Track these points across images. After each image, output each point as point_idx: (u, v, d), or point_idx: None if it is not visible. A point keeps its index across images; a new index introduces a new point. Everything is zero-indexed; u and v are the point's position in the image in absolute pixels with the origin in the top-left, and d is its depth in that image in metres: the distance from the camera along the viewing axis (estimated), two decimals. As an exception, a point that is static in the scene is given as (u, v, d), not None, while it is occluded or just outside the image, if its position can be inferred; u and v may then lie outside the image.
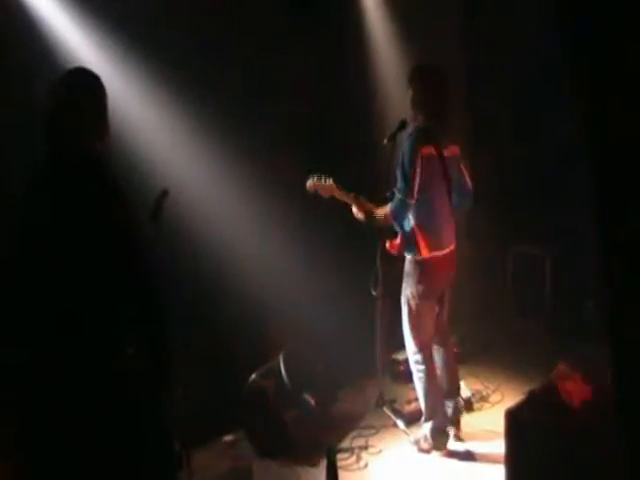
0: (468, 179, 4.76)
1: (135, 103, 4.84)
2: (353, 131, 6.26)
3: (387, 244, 4.72)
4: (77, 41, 4.63)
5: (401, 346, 5.80)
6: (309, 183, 4.91)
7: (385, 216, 4.62)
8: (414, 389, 5.09)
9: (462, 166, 4.73)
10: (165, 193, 3.96)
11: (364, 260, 5.06)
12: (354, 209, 4.82)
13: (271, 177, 5.51)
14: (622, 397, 2.17)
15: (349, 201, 4.83)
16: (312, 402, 5.10)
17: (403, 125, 4.65)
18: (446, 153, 4.57)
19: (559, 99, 5.94)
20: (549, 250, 6.59)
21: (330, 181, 4.85)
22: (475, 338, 6.33)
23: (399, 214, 4.53)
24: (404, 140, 4.52)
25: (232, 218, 5.30)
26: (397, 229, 4.62)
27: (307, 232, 5.74)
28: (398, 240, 4.65)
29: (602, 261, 2.18)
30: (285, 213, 5.62)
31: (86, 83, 2.92)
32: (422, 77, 4.57)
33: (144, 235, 2.86)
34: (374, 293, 5.01)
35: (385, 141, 4.70)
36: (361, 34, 6.45)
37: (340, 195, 4.85)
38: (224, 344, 5.25)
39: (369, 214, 4.72)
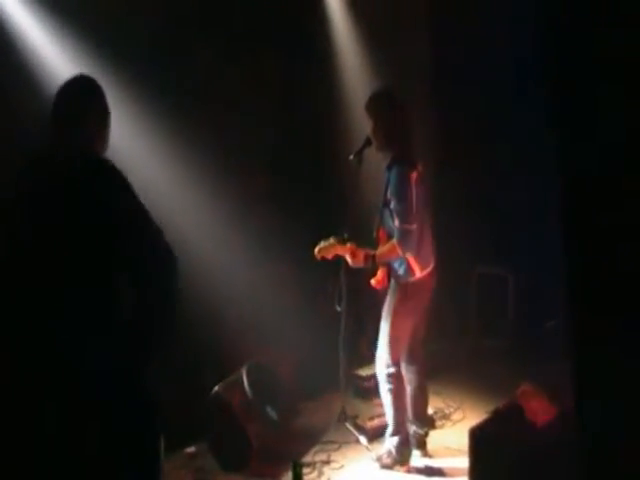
0: None
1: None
2: (318, 142, 6.29)
3: (372, 282, 4.68)
4: (50, 51, 4.66)
5: (364, 362, 5.82)
6: (316, 252, 4.69)
7: (384, 255, 4.56)
8: (377, 405, 5.11)
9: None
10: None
11: (328, 275, 5.07)
12: (349, 259, 4.64)
13: (233, 183, 5.50)
14: (584, 415, 2.20)
15: (346, 253, 4.64)
16: (275, 415, 5.09)
17: (369, 141, 4.68)
18: (420, 170, 4.62)
19: (528, 117, 6.11)
20: (512, 271, 6.66)
21: (331, 240, 4.69)
22: (438, 356, 6.34)
23: (409, 243, 4.46)
24: (391, 174, 4.52)
25: (192, 226, 5.27)
26: (402, 260, 4.56)
27: (269, 246, 5.73)
28: (380, 275, 4.64)
29: (566, 278, 2.21)
30: (245, 220, 5.59)
31: (93, 90, 3.05)
32: (383, 108, 4.61)
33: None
34: (338, 308, 5.01)
35: (351, 157, 4.73)
36: (327, 43, 6.52)
37: (340, 250, 4.66)
38: (186, 354, 5.21)
39: (368, 259, 4.59)
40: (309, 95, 6.25)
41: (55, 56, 4.64)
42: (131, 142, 4.98)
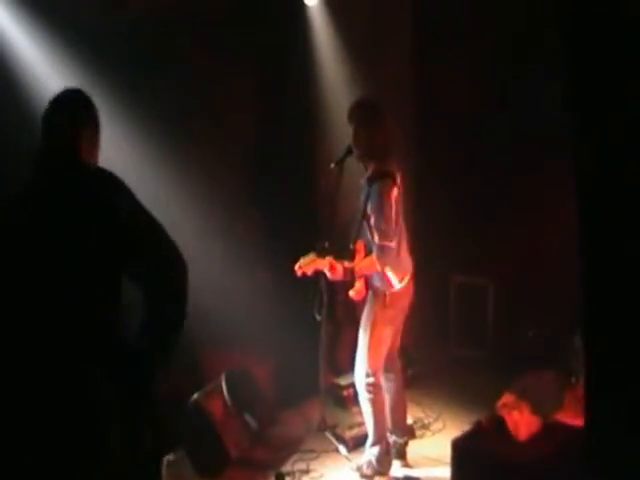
0: None
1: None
2: (299, 150, 6.27)
3: (351, 292, 4.66)
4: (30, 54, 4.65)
5: (343, 370, 5.79)
6: (297, 268, 4.65)
7: (363, 269, 4.55)
8: (356, 414, 5.08)
9: None
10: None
11: (307, 282, 5.03)
12: (327, 273, 4.63)
13: (212, 189, 5.46)
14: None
15: (325, 267, 4.61)
16: (254, 423, 5.05)
17: (351, 150, 4.66)
18: (399, 184, 4.61)
19: (509, 128, 6.14)
20: (492, 280, 6.66)
21: (311, 255, 4.66)
22: (418, 366, 6.34)
23: (388, 259, 4.47)
24: (372, 189, 4.48)
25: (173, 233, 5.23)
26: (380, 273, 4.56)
27: (248, 253, 5.68)
28: (359, 285, 4.63)
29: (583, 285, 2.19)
30: (226, 227, 5.55)
31: (85, 103, 3.02)
32: (364, 117, 4.58)
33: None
34: (318, 317, 4.98)
35: (332, 165, 4.72)
36: (307, 51, 6.49)
37: (320, 264, 4.63)
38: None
39: (347, 272, 4.58)
40: (291, 104, 6.23)
41: (36, 62, 4.61)
42: (115, 152, 4.96)
